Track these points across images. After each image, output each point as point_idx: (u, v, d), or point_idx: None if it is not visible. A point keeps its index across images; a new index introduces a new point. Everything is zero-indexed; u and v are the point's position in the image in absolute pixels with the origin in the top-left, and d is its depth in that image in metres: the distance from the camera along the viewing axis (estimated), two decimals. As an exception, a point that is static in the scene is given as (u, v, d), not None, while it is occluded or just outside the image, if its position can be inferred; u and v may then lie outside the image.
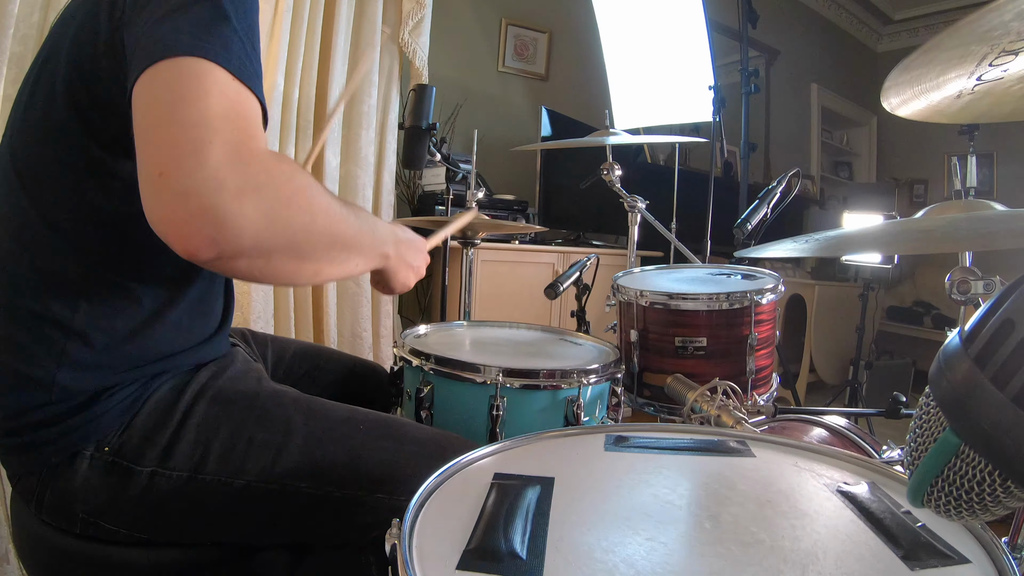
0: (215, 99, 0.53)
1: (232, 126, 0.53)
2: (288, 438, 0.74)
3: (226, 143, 0.52)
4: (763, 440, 0.74)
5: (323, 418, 0.79)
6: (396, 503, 0.75)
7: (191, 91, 0.53)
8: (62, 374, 0.67)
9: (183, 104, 0.52)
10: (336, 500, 0.74)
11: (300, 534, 0.77)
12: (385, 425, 0.82)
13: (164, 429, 0.70)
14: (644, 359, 1.34)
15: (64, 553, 0.71)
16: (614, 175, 1.75)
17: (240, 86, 0.56)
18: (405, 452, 0.79)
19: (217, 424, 0.73)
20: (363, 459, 0.77)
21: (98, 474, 0.68)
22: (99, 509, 0.69)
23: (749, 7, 2.81)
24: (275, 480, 0.72)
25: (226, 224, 0.51)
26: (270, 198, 0.54)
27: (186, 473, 0.70)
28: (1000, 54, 0.61)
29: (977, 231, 0.67)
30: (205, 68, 0.54)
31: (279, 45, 2.03)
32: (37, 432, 0.67)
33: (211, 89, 0.53)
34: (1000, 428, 0.35)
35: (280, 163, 0.57)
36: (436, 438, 0.84)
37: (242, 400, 0.76)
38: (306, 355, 1.12)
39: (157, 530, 0.71)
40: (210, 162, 0.50)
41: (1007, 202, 0.87)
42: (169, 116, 0.52)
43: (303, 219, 0.58)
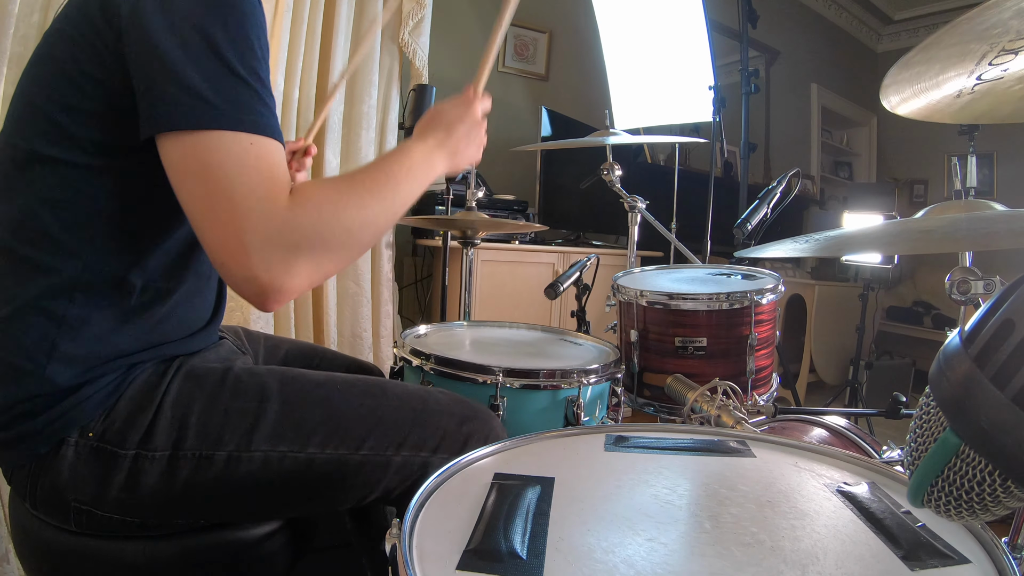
0: (240, 181, 0.60)
1: (258, 197, 0.60)
2: (264, 404, 0.74)
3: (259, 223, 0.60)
4: (763, 440, 0.74)
5: (297, 380, 0.79)
6: (384, 459, 0.75)
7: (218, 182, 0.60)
8: (52, 367, 0.67)
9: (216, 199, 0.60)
10: (321, 462, 0.73)
11: (294, 505, 0.76)
12: (365, 383, 0.82)
13: (145, 411, 0.70)
14: (644, 359, 1.34)
15: (62, 550, 0.71)
16: (614, 175, 1.75)
17: (258, 142, 0.61)
18: (386, 406, 0.79)
19: (191, 399, 0.73)
20: (344, 416, 0.76)
21: (84, 461, 0.68)
22: (90, 497, 0.69)
23: (749, 7, 2.81)
24: (255, 448, 0.72)
25: (284, 288, 0.62)
26: (309, 248, 0.63)
27: (167, 452, 0.70)
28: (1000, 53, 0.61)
29: (977, 231, 0.67)
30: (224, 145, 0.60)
31: (279, 45, 2.03)
32: (25, 424, 0.67)
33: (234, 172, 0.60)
34: (1000, 428, 0.35)
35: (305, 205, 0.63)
36: (420, 392, 0.84)
37: (214, 373, 0.76)
38: (301, 354, 1.11)
39: (148, 514, 0.71)
40: (254, 250, 0.60)
41: (1007, 202, 0.87)
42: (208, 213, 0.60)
43: (341, 241, 0.66)
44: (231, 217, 0.59)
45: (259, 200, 0.60)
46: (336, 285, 2.33)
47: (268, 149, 0.62)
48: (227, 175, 0.59)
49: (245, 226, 0.59)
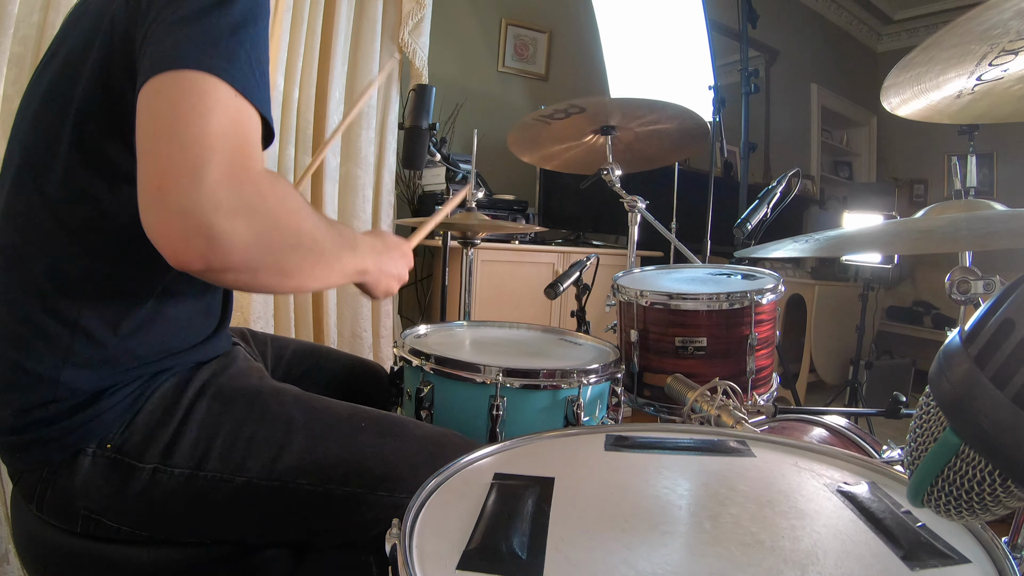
0: (215, 117, 0.55)
1: (230, 145, 0.55)
2: (289, 436, 0.74)
3: (223, 163, 0.54)
4: (763, 440, 0.74)
5: (324, 415, 0.79)
6: (397, 501, 0.75)
7: (192, 108, 0.54)
8: (67, 372, 0.67)
9: (183, 121, 0.54)
10: (337, 497, 0.74)
11: (301, 532, 0.77)
12: (387, 423, 0.82)
13: (166, 426, 0.71)
14: (644, 359, 1.34)
15: (64, 552, 0.71)
16: (614, 175, 1.75)
17: (243, 102, 0.58)
18: (406, 450, 0.79)
19: (219, 421, 0.73)
20: (364, 456, 0.77)
21: (100, 472, 0.68)
22: (101, 507, 0.69)
23: (749, 7, 2.81)
24: (276, 477, 0.72)
25: (218, 242, 0.53)
26: (262, 220, 0.56)
27: (188, 470, 0.70)
28: (1000, 53, 0.61)
29: (977, 231, 0.67)
30: (209, 84, 0.55)
31: (279, 45, 2.03)
32: (40, 430, 0.67)
33: (212, 106, 0.55)
34: (1000, 428, 0.35)
35: (275, 185, 0.59)
36: (437, 436, 0.84)
37: (243, 398, 0.76)
38: (306, 354, 1.12)
39: (158, 527, 0.71)
40: (207, 182, 0.52)
41: (1007, 202, 0.87)
42: (170, 132, 0.54)
43: (291, 240, 0.61)
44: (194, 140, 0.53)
45: (230, 144, 0.55)
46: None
47: (250, 113, 0.58)
48: (205, 105, 0.54)
49: (206, 155, 0.53)
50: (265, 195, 0.57)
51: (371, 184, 2.44)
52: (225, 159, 0.54)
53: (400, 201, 2.85)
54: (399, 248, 0.87)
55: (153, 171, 0.53)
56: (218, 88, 0.56)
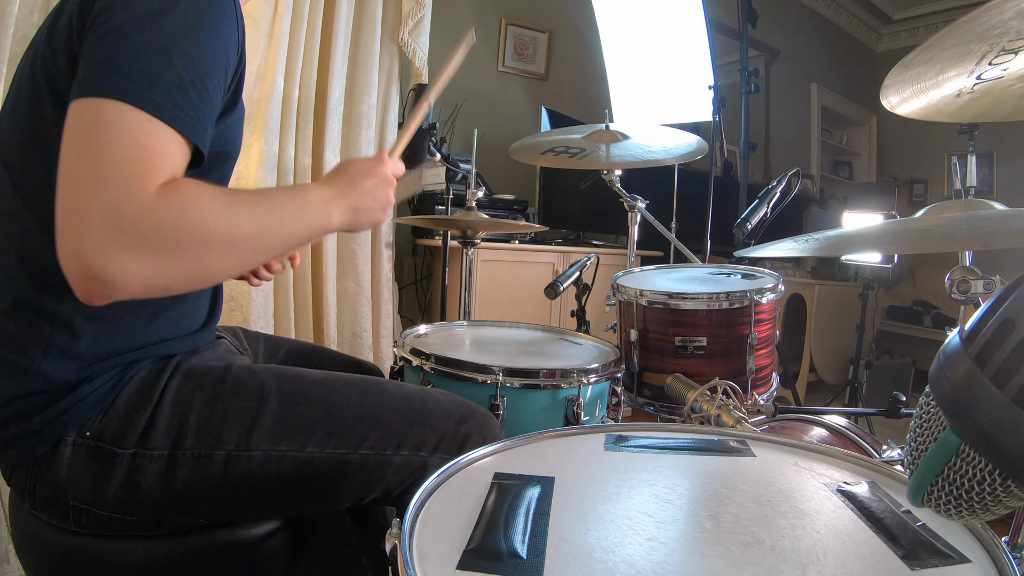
0: (114, 148, 0.54)
1: (122, 173, 0.54)
2: (263, 403, 0.74)
3: (110, 198, 0.53)
4: (763, 440, 0.74)
5: (296, 379, 0.78)
6: (383, 459, 0.75)
7: (94, 141, 0.55)
8: (47, 364, 0.67)
9: (84, 157, 0.54)
10: (320, 461, 0.73)
11: (292, 504, 0.76)
12: (363, 382, 0.82)
13: (143, 410, 0.70)
14: (644, 359, 1.34)
15: (61, 550, 0.71)
16: (614, 175, 1.75)
17: (157, 127, 0.57)
18: (385, 406, 0.78)
19: (191, 398, 0.72)
20: (343, 416, 0.76)
21: (82, 460, 0.68)
22: (88, 496, 0.69)
23: (749, 7, 2.81)
24: (255, 447, 0.72)
25: (111, 282, 0.53)
26: (156, 246, 0.55)
27: (166, 451, 0.70)
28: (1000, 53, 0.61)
29: (977, 231, 0.67)
30: (114, 114, 0.55)
31: (279, 45, 2.03)
32: (21, 423, 0.67)
33: (114, 137, 0.55)
34: (1000, 427, 0.35)
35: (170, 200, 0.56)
36: (418, 391, 0.84)
37: (214, 372, 0.76)
38: (300, 354, 1.11)
39: (147, 512, 0.71)
40: (92, 224, 0.52)
41: (1007, 202, 0.87)
42: (70, 169, 0.54)
43: (196, 252, 0.59)
44: (87, 182, 0.53)
45: (124, 175, 0.54)
46: (336, 285, 2.33)
47: (165, 136, 0.57)
48: (108, 140, 0.55)
49: (96, 195, 0.53)
50: (159, 219, 0.55)
51: (371, 184, 2.43)
52: (112, 192, 0.53)
53: (400, 201, 2.85)
54: (371, 174, 0.77)
55: (57, 208, 0.54)
56: (125, 116, 0.55)
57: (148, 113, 0.56)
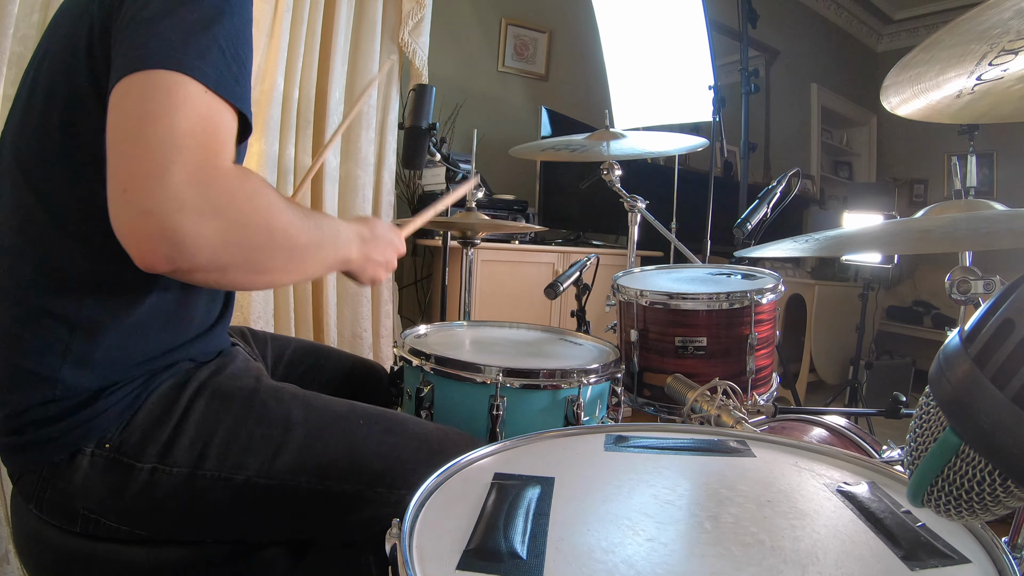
0: (183, 115, 0.55)
1: (198, 144, 0.55)
2: (288, 433, 0.74)
3: (188, 163, 0.53)
4: (763, 440, 0.74)
5: (323, 413, 0.79)
6: (397, 497, 0.75)
7: (160, 107, 0.54)
8: (66, 371, 0.67)
9: (150, 121, 0.54)
10: (336, 495, 0.74)
11: (301, 530, 0.77)
12: (386, 419, 0.82)
13: (164, 425, 0.71)
14: (644, 359, 1.34)
15: (64, 552, 0.71)
16: (614, 175, 1.75)
17: (214, 99, 0.57)
18: (406, 446, 0.79)
19: (216, 420, 0.73)
20: (363, 453, 0.76)
21: (99, 471, 0.68)
22: (100, 506, 0.69)
23: (749, 7, 2.81)
24: (275, 475, 0.72)
25: (183, 244, 0.53)
26: (228, 219, 0.56)
27: (186, 469, 0.70)
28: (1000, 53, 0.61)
29: (977, 231, 0.67)
30: (176, 82, 0.55)
31: (279, 45, 2.03)
32: (40, 430, 0.67)
33: (180, 105, 0.55)
34: (1000, 428, 0.35)
35: (244, 182, 0.58)
36: (437, 433, 0.84)
37: (241, 396, 0.76)
38: (306, 353, 1.12)
39: (158, 527, 0.71)
40: (172, 183, 0.52)
41: (1007, 202, 0.87)
42: (136, 132, 0.54)
43: (260, 239, 0.60)
44: (160, 140, 0.53)
45: (199, 144, 0.55)
46: (336, 285, 2.34)
47: (221, 110, 0.58)
48: (174, 107, 0.54)
49: (171, 155, 0.53)
50: (232, 194, 0.56)
51: (371, 184, 2.44)
52: (191, 158, 0.54)
53: (400, 201, 2.85)
54: (388, 236, 0.85)
55: (119, 172, 0.53)
56: (187, 86, 0.56)
57: (205, 86, 0.57)
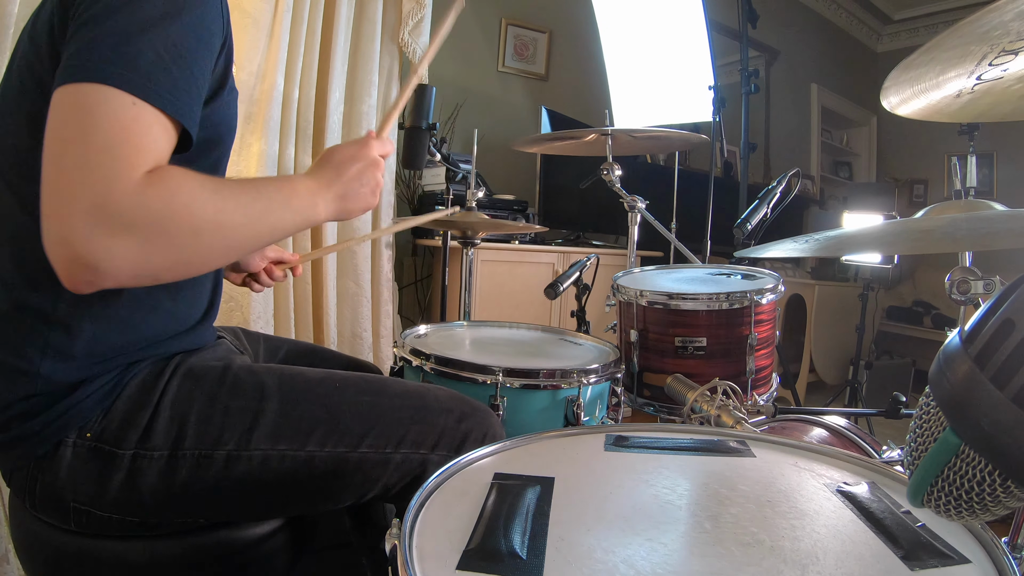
0: (99, 132, 0.54)
1: (110, 159, 0.54)
2: (263, 403, 0.74)
3: (96, 184, 0.53)
4: (763, 440, 0.74)
5: (296, 379, 0.78)
6: (383, 456, 0.75)
7: (76, 129, 0.54)
8: (46, 365, 0.67)
9: (67, 144, 0.54)
10: (320, 460, 0.73)
11: (292, 503, 0.76)
12: (363, 380, 0.82)
13: (143, 411, 0.70)
14: (644, 359, 1.34)
15: (62, 550, 0.71)
16: (614, 175, 1.75)
17: (143, 108, 0.57)
18: (386, 404, 0.78)
19: (190, 398, 0.72)
20: (343, 414, 0.76)
21: (82, 461, 0.68)
22: (88, 497, 0.69)
23: (749, 7, 2.81)
24: (255, 446, 0.72)
25: (99, 269, 0.53)
26: (143, 232, 0.55)
27: (166, 451, 0.70)
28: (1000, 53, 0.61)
29: (977, 231, 0.67)
30: (98, 97, 0.55)
31: (279, 45, 2.03)
32: (23, 424, 0.67)
33: (99, 122, 0.55)
34: (1000, 428, 0.35)
35: (159, 187, 0.56)
36: (419, 388, 0.83)
37: (213, 372, 0.76)
38: (300, 354, 1.11)
39: (148, 513, 0.71)
40: (79, 209, 0.52)
41: (1007, 202, 0.87)
42: (55, 157, 0.54)
43: (184, 238, 0.59)
44: (74, 168, 0.53)
45: (111, 160, 0.54)
46: (336, 285, 2.33)
47: (150, 118, 0.57)
48: (92, 125, 0.54)
49: (83, 180, 0.53)
50: (145, 205, 0.55)
51: (371, 184, 2.43)
52: (100, 177, 0.53)
53: (400, 201, 2.85)
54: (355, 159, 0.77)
55: (43, 195, 0.54)
56: (110, 100, 0.55)
57: (132, 95, 0.56)
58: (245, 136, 2.02)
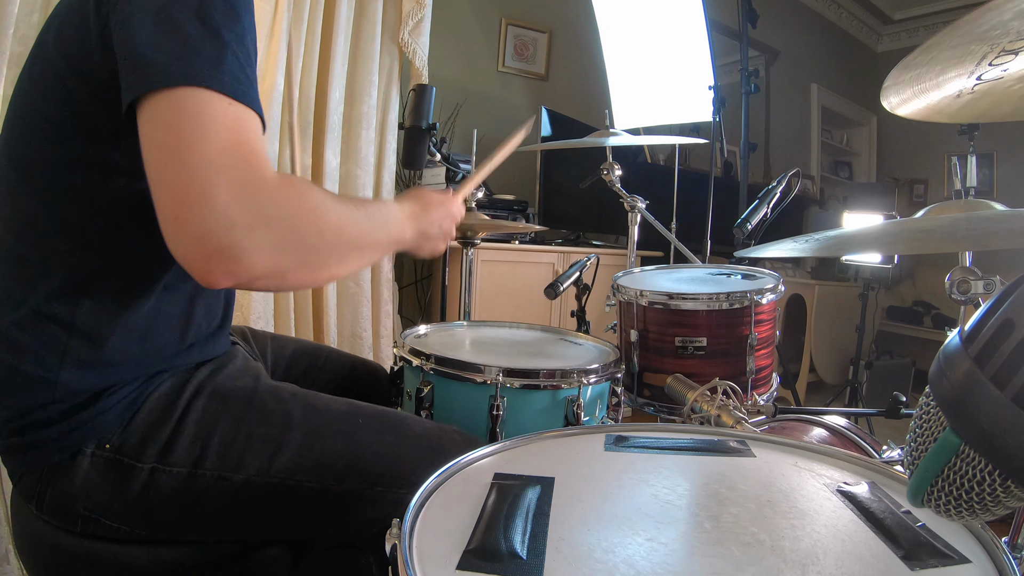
0: (215, 134, 0.55)
1: (236, 159, 0.55)
2: (287, 432, 0.74)
3: (231, 180, 0.54)
4: (763, 440, 0.74)
5: (322, 412, 0.79)
6: (396, 497, 0.75)
7: (191, 132, 0.55)
8: (65, 373, 0.67)
9: (185, 148, 0.54)
10: (335, 494, 0.74)
11: (300, 530, 0.77)
12: (385, 418, 0.82)
13: (164, 426, 0.71)
14: (644, 359, 1.34)
15: (64, 552, 0.71)
16: (614, 175, 1.75)
17: (239, 108, 0.57)
18: (405, 446, 0.79)
19: (216, 420, 0.73)
20: (363, 453, 0.76)
21: (99, 472, 0.68)
22: (100, 507, 0.69)
23: (749, 7, 2.81)
24: (274, 474, 0.72)
25: (241, 259, 0.54)
26: (280, 227, 0.57)
27: (186, 469, 0.70)
28: (1000, 53, 0.61)
29: (977, 231, 0.67)
30: (202, 100, 0.56)
31: (279, 45, 2.03)
32: (40, 432, 0.67)
33: (210, 124, 0.55)
34: (1000, 428, 0.35)
35: (288, 188, 0.59)
36: (436, 431, 0.84)
37: (240, 395, 0.76)
38: (306, 353, 1.12)
39: (158, 527, 0.71)
40: (219, 204, 0.53)
41: (1007, 202, 0.87)
42: (175, 160, 0.54)
43: (313, 239, 0.61)
44: (199, 166, 0.54)
45: (237, 159, 0.55)
46: (336, 285, 2.33)
47: (248, 117, 0.58)
48: (203, 128, 0.55)
49: (213, 178, 0.53)
50: (279, 201, 0.57)
51: (371, 184, 2.43)
52: (233, 176, 0.54)
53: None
54: (441, 205, 0.86)
55: (167, 200, 0.54)
56: (212, 102, 0.56)
57: (228, 96, 0.57)
58: (245, 136, 2.02)
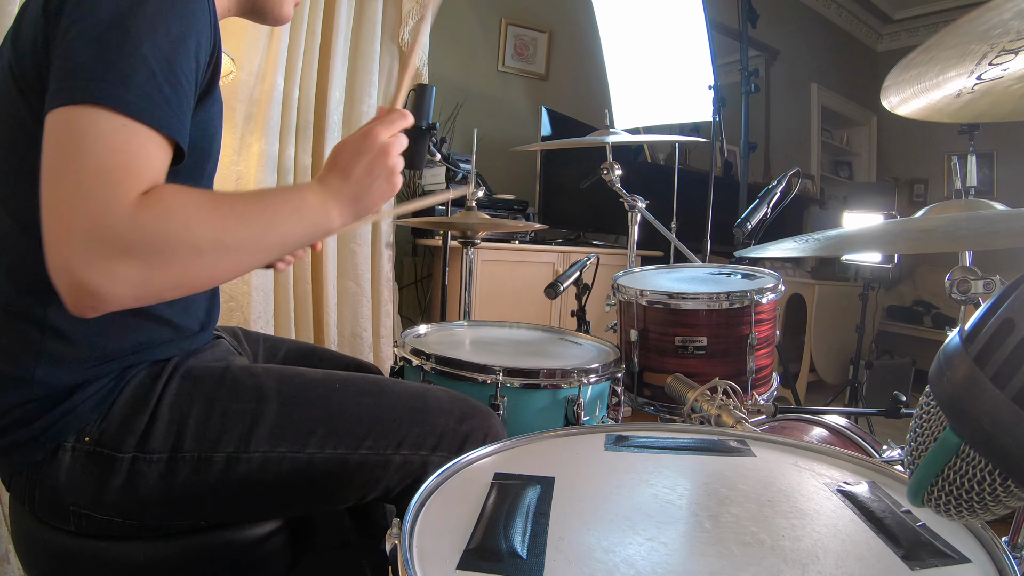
0: (92, 156, 0.54)
1: (104, 182, 0.53)
2: (262, 404, 0.74)
3: (93, 209, 0.53)
4: (763, 440, 0.74)
5: (295, 380, 0.78)
6: (383, 457, 0.75)
7: (68, 155, 0.54)
8: (41, 370, 0.67)
9: (62, 169, 0.54)
10: (321, 461, 0.73)
11: (292, 505, 0.76)
12: (363, 381, 0.81)
13: (141, 414, 0.70)
14: (644, 359, 1.34)
15: (62, 551, 0.71)
16: (614, 175, 1.75)
17: (136, 128, 0.56)
18: (386, 405, 0.78)
19: (189, 401, 0.72)
20: (342, 415, 0.75)
21: (81, 465, 0.68)
22: (88, 500, 0.69)
23: (749, 7, 2.81)
24: (255, 448, 0.72)
25: (100, 294, 0.53)
26: (142, 255, 0.55)
27: (165, 454, 0.70)
28: (1000, 53, 0.61)
29: (977, 231, 0.67)
30: (89, 120, 0.54)
31: (279, 45, 2.03)
32: (19, 431, 0.67)
33: (89, 146, 0.54)
34: (1000, 427, 0.35)
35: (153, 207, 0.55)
36: (418, 390, 0.83)
37: (212, 375, 0.75)
38: (300, 354, 1.11)
39: (147, 515, 0.71)
40: (76, 237, 0.52)
41: (1007, 202, 0.87)
42: (52, 181, 0.54)
43: (186, 257, 0.58)
44: (69, 195, 0.53)
45: (104, 184, 0.53)
46: (336, 285, 2.33)
47: (144, 139, 0.56)
48: (85, 149, 0.54)
49: (78, 208, 0.52)
50: (142, 226, 0.54)
51: (371, 184, 2.43)
52: (96, 202, 0.53)
53: (400, 201, 2.85)
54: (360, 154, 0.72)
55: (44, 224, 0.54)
56: (100, 121, 0.54)
57: (125, 115, 0.55)
58: (245, 136, 2.02)
